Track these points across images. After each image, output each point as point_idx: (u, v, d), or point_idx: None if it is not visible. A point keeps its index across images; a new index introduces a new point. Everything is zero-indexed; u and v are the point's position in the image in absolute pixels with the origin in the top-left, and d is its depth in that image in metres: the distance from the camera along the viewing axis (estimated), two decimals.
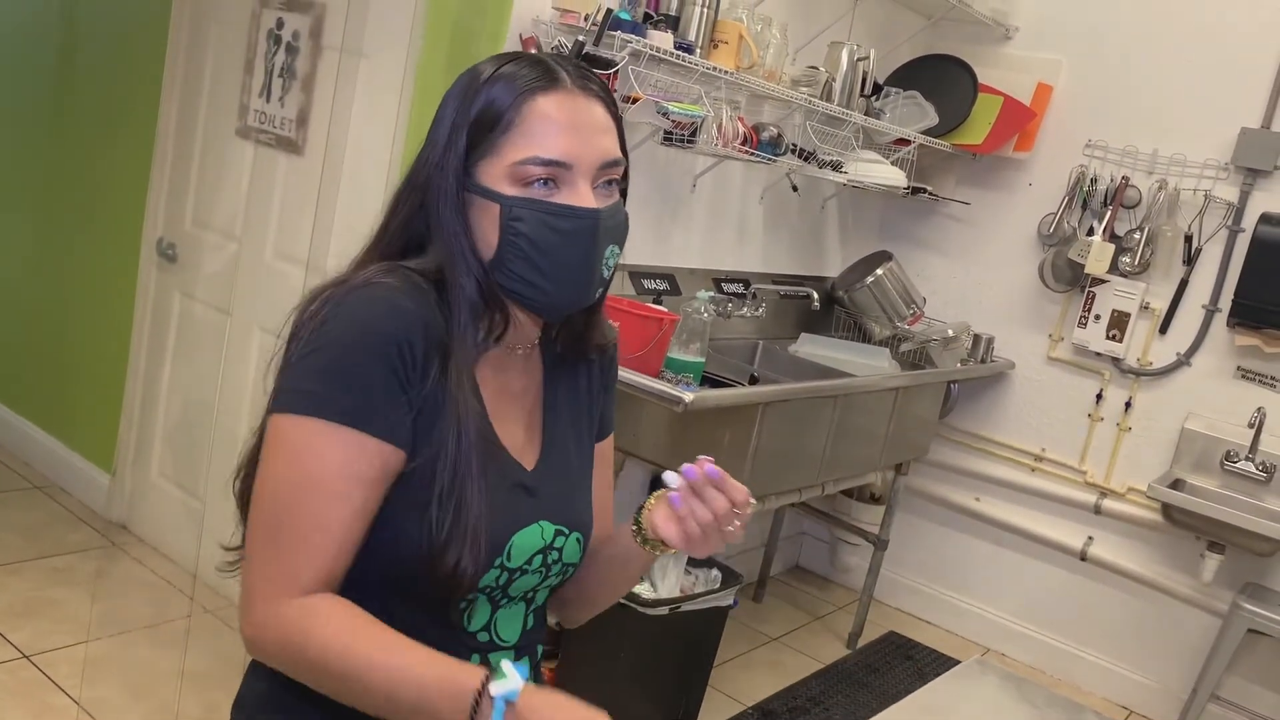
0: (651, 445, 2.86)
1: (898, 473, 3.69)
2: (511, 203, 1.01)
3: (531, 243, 1.01)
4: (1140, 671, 3.75)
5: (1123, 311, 3.66)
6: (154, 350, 3.37)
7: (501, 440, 1.08)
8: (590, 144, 1.03)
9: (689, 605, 2.63)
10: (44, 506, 3.55)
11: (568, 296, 1.05)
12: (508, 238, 1.01)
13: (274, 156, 2.97)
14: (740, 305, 3.29)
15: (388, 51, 2.65)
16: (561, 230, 1.01)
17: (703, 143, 2.77)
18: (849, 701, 3.41)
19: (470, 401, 1.01)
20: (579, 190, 1.02)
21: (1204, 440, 3.55)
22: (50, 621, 2.89)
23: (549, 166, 1.01)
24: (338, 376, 0.96)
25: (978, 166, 3.96)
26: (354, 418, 0.95)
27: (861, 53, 3.31)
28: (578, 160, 1.02)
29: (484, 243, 1.03)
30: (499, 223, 1.01)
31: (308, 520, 0.95)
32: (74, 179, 3.66)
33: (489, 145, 1.02)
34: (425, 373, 0.99)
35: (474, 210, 1.03)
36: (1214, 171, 3.52)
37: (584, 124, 1.03)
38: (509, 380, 1.12)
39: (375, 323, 0.97)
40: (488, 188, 1.02)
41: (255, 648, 0.99)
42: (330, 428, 0.95)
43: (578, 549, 1.13)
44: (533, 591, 1.12)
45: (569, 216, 1.01)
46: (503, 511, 1.05)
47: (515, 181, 1.01)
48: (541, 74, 1.03)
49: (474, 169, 1.03)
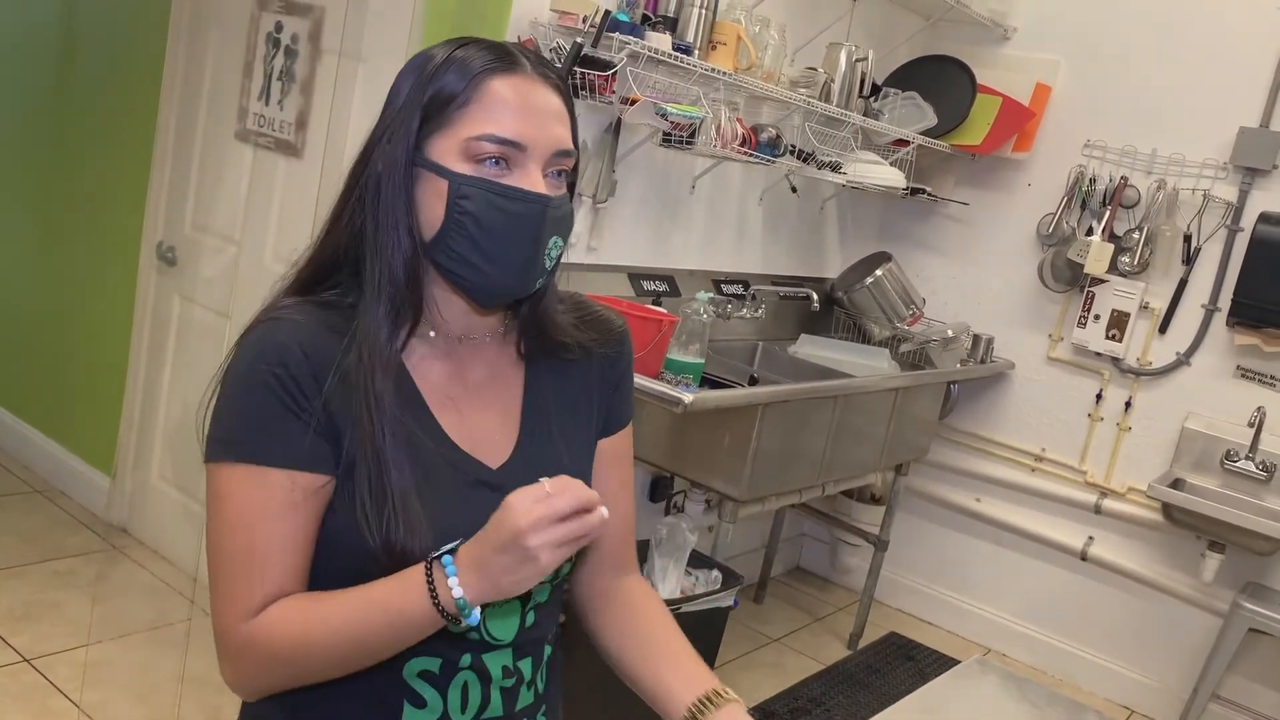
0: (651, 446, 2.86)
1: (898, 473, 3.69)
2: (460, 180, 1.00)
3: (476, 222, 1.00)
4: (1141, 671, 3.74)
5: (1122, 311, 3.66)
6: (154, 354, 3.37)
7: (452, 436, 1.07)
8: (545, 130, 1.02)
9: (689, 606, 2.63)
10: (44, 510, 3.55)
11: (505, 281, 1.03)
12: (453, 215, 1.00)
13: (273, 160, 2.98)
14: (740, 306, 3.29)
15: (386, 55, 2.65)
16: (508, 212, 1.00)
17: (701, 144, 2.77)
18: (850, 702, 3.41)
19: (381, 390, 1.00)
20: (530, 174, 1.01)
21: (1204, 440, 3.55)
22: (51, 625, 2.89)
23: (503, 145, 1.00)
24: (232, 417, 1.01)
25: (976, 167, 3.96)
26: (259, 454, 0.98)
27: (860, 54, 3.31)
28: (532, 144, 1.01)
29: (427, 219, 1.02)
30: (445, 199, 1.00)
31: (240, 559, 1.00)
32: (74, 183, 3.67)
33: (443, 120, 1.01)
34: (317, 387, 0.99)
35: (420, 185, 1.02)
36: (1213, 171, 3.52)
37: (540, 108, 1.02)
38: (464, 371, 1.10)
39: (258, 360, 1.00)
40: (437, 163, 1.01)
41: (240, 687, 1.04)
42: (242, 468, 0.99)
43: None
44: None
45: (517, 199, 1.00)
46: (463, 510, 1.02)
47: (467, 158, 1.00)
48: (500, 56, 1.03)
49: (425, 144, 1.02)
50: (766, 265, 3.66)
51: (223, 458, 1.00)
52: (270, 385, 0.99)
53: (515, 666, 1.10)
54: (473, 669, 1.07)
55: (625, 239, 3.01)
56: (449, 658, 1.06)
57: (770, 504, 3.00)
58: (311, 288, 1.08)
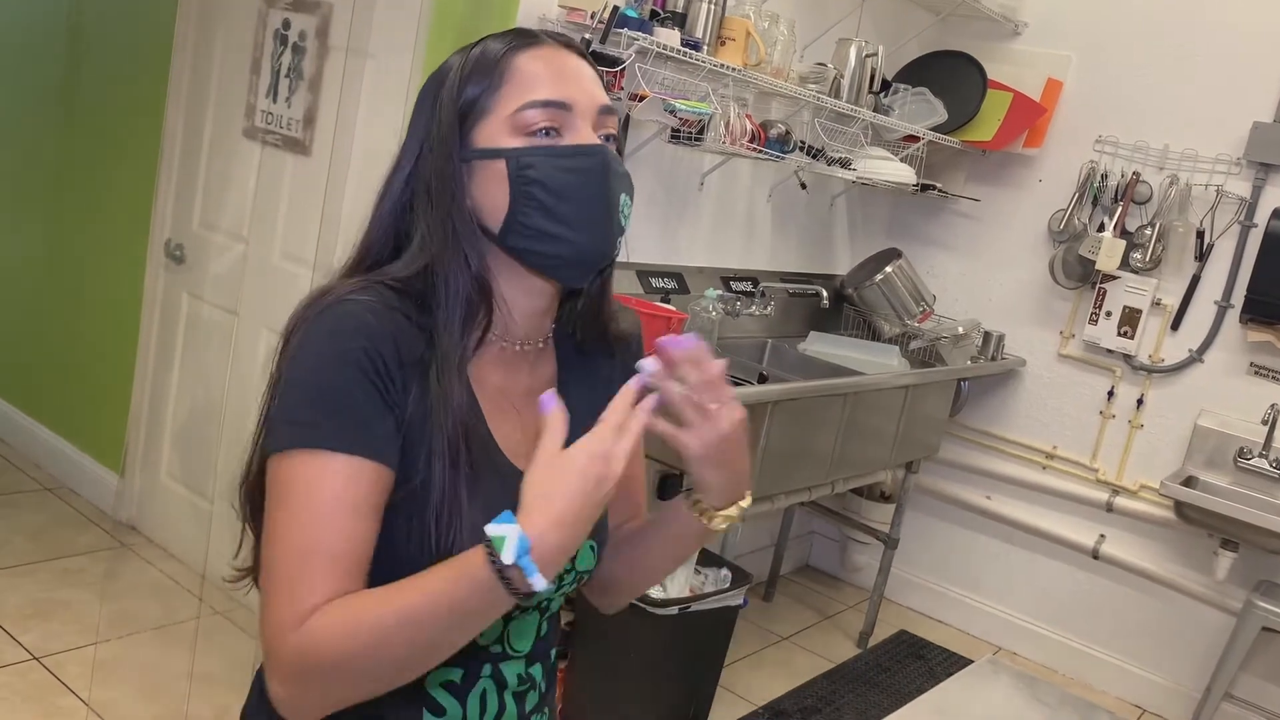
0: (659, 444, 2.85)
1: (908, 471, 3.67)
2: (518, 153, 0.97)
3: (546, 189, 0.97)
4: (1153, 670, 3.72)
5: (1134, 308, 3.64)
6: (162, 351, 3.37)
7: (501, 445, 1.04)
8: (584, 89, 1.01)
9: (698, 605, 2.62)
10: (53, 508, 3.56)
11: (589, 245, 1.00)
12: (520, 189, 0.97)
13: (281, 157, 2.97)
14: (749, 303, 3.28)
15: (394, 52, 2.64)
16: (575, 170, 0.98)
17: (710, 140, 2.76)
18: (860, 701, 3.40)
19: (461, 403, 0.97)
20: (581, 132, 0.99)
21: (1217, 437, 3.52)
22: (60, 623, 2.90)
23: (549, 108, 0.98)
24: (320, 402, 0.92)
25: (987, 163, 3.94)
26: (345, 442, 0.91)
27: (870, 49, 3.29)
28: (575, 101, 0.99)
29: (491, 209, 0.99)
30: (507, 178, 0.98)
31: (308, 557, 0.90)
32: (82, 182, 3.67)
33: (480, 109, 0.99)
34: (404, 386, 0.95)
35: (475, 180, 1.00)
36: (1225, 166, 3.49)
37: (574, 72, 1.01)
38: (514, 380, 1.08)
39: (344, 339, 0.93)
40: (487, 148, 0.99)
41: (294, 708, 0.92)
42: (324, 456, 0.91)
43: (591, 555, 1.10)
44: (546, 601, 1.09)
45: (579, 155, 0.98)
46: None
47: (517, 132, 0.98)
48: (517, 34, 1.02)
49: (469, 137, 1.00)
50: (775, 262, 3.65)
51: (302, 444, 0.91)
52: (363, 365, 0.92)
53: (528, 673, 1.11)
54: (491, 678, 1.07)
55: (633, 236, 2.98)
56: (471, 669, 1.05)
57: (780, 502, 2.98)
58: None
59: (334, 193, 2.78)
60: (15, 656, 2.72)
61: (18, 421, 3.92)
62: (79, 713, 2.57)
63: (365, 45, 2.72)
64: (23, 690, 2.60)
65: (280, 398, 0.95)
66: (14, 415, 3.94)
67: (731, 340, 3.28)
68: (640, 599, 2.45)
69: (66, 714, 2.56)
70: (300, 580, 0.89)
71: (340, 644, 0.87)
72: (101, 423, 3.59)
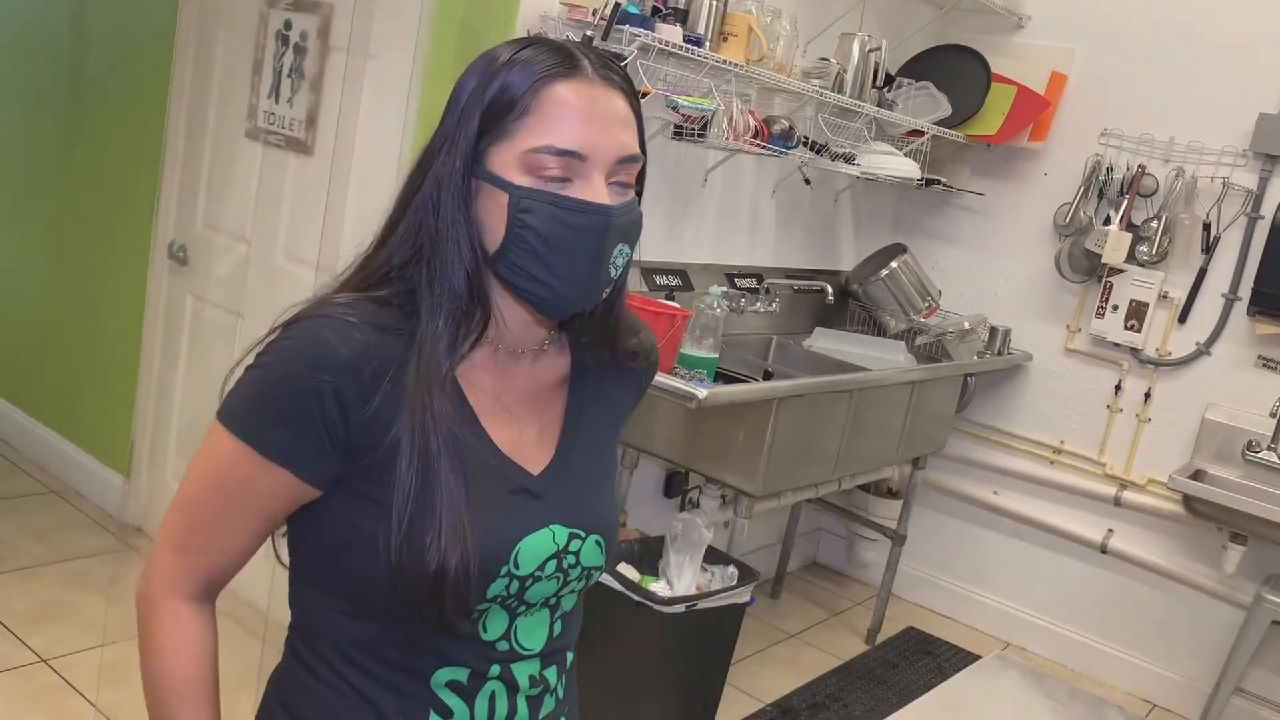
0: (665, 442, 2.84)
1: (915, 467, 3.66)
2: (521, 193, 0.97)
3: (539, 236, 0.97)
4: (1163, 665, 3.71)
5: (1141, 301, 3.62)
6: (167, 353, 3.37)
7: (498, 444, 1.05)
8: (608, 135, 0.99)
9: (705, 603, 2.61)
10: (60, 510, 3.56)
11: (571, 295, 1.01)
12: (515, 230, 0.98)
13: (283, 158, 2.97)
14: (753, 300, 3.27)
15: (395, 51, 2.64)
16: (570, 225, 0.97)
17: (713, 137, 2.75)
18: (869, 698, 3.39)
19: (440, 407, 0.98)
20: (593, 184, 0.98)
21: (1225, 430, 3.50)
22: (68, 626, 2.90)
23: (563, 157, 0.97)
24: (263, 405, 0.98)
25: (992, 157, 3.92)
26: (266, 444, 0.98)
27: (873, 44, 3.28)
28: (593, 152, 0.98)
29: (489, 232, 1.00)
30: (506, 213, 0.98)
31: (206, 521, 1.03)
32: (85, 184, 3.67)
33: (501, 130, 0.98)
34: (361, 403, 0.97)
35: (481, 198, 1.00)
36: (1232, 158, 3.47)
37: (603, 114, 0.99)
38: (509, 384, 1.08)
39: (306, 361, 0.96)
40: (497, 175, 0.98)
41: (137, 603, 1.07)
42: (245, 447, 0.98)
43: (598, 551, 1.09)
44: (555, 598, 1.08)
45: (579, 211, 0.98)
46: (503, 518, 1.01)
47: (527, 170, 0.97)
48: (562, 60, 0.99)
49: (484, 155, 0.99)
50: (780, 258, 3.64)
51: (236, 431, 0.99)
52: (315, 396, 0.95)
53: (542, 675, 1.09)
54: (501, 679, 1.06)
55: None
56: (478, 668, 1.04)
57: (786, 499, 2.97)
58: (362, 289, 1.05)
59: (336, 192, 2.78)
60: (23, 659, 2.72)
61: (23, 424, 3.92)
62: (87, 715, 2.57)
63: (366, 45, 2.71)
64: (31, 693, 2.60)
65: (243, 376, 1.01)
66: (19, 418, 3.94)
67: (736, 337, 3.27)
68: (647, 597, 2.44)
69: (74, 716, 2.56)
70: (192, 536, 1.04)
71: (149, 663, 1.05)
72: (106, 425, 3.59)
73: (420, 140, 2.54)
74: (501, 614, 1.04)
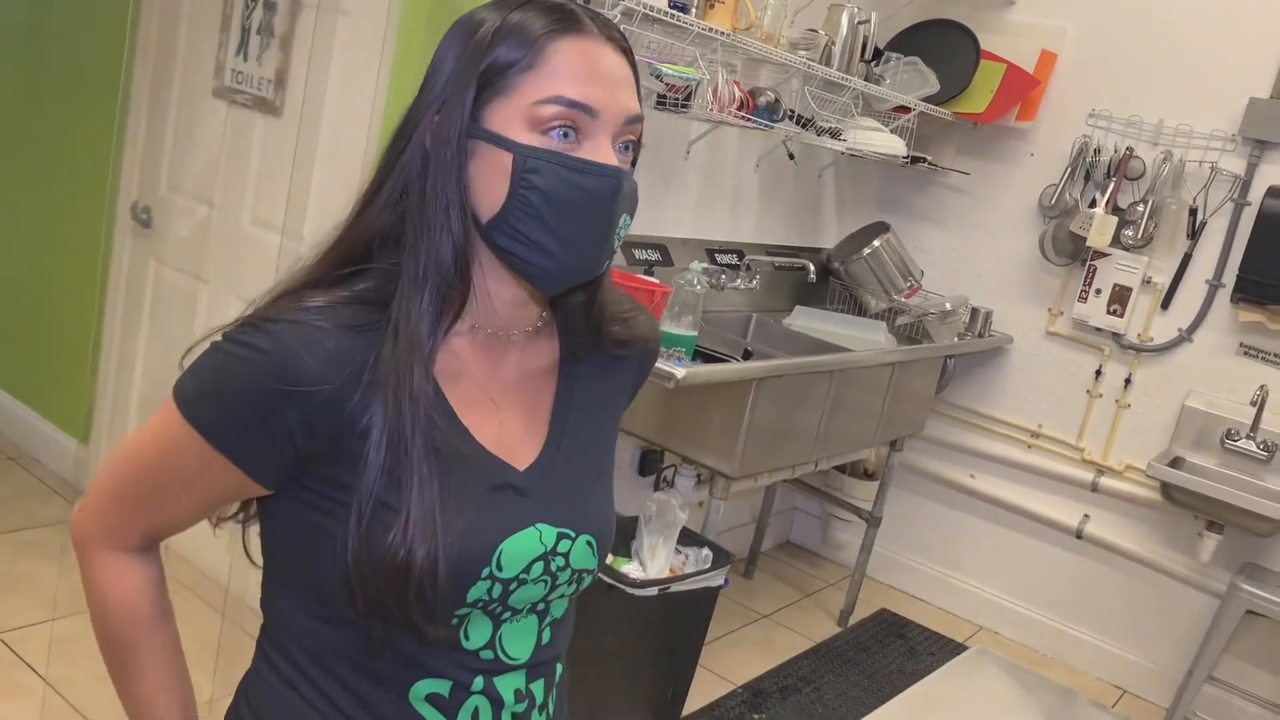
0: (642, 422, 2.78)
1: (892, 448, 3.62)
2: (527, 152, 0.89)
3: (545, 199, 0.89)
4: (1135, 652, 3.70)
5: (1124, 286, 3.58)
6: (128, 317, 3.27)
7: (480, 438, 0.97)
8: (615, 96, 0.92)
9: (679, 586, 2.56)
10: (15, 477, 3.46)
11: (574, 264, 0.93)
12: (519, 191, 0.90)
13: (251, 118, 2.86)
14: (734, 277, 3.20)
15: (367, 9, 2.53)
16: (582, 188, 0.90)
17: (697, 107, 2.67)
18: (840, 680, 3.36)
19: (419, 387, 0.91)
20: (600, 145, 0.91)
21: (1204, 418, 3.48)
22: (20, 597, 2.81)
23: (573, 109, 0.89)
24: (220, 398, 0.92)
25: (978, 136, 3.86)
26: (217, 437, 0.93)
27: (862, 16, 3.20)
28: (603, 109, 0.91)
29: (485, 197, 0.91)
30: (509, 174, 0.90)
31: (141, 489, 0.99)
32: (44, 143, 3.54)
33: (502, 86, 0.90)
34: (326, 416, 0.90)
35: (477, 161, 0.91)
36: (1220, 143, 3.42)
37: (609, 74, 0.92)
38: (498, 369, 1.00)
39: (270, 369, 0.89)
40: (498, 134, 0.90)
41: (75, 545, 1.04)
42: (195, 434, 0.93)
43: (590, 553, 1.01)
44: (543, 603, 1.00)
45: (592, 173, 0.90)
46: (485, 516, 0.94)
47: (532, 126, 0.90)
48: (563, 16, 0.92)
49: (480, 113, 0.91)
50: (762, 234, 3.56)
51: (188, 417, 0.93)
52: (271, 405, 0.89)
53: (528, 689, 1.01)
54: (484, 694, 0.98)
55: None
56: (460, 680, 0.97)
57: (763, 480, 2.92)
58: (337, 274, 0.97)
59: (304, 155, 2.68)
60: None
61: None
62: (36, 689, 2.49)
63: (338, 2, 2.60)
64: None
65: (206, 354, 0.95)
66: None
67: (716, 314, 3.20)
68: (620, 580, 2.39)
69: (24, 690, 2.48)
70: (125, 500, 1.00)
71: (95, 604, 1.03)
72: (65, 390, 3.49)
73: (392, 103, 2.45)
74: (485, 620, 0.96)
